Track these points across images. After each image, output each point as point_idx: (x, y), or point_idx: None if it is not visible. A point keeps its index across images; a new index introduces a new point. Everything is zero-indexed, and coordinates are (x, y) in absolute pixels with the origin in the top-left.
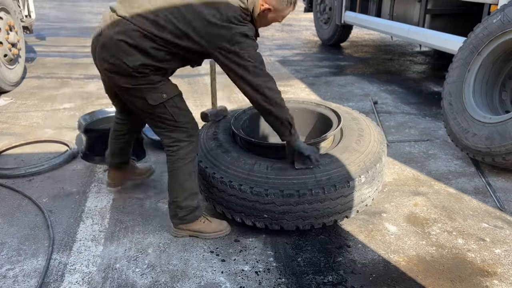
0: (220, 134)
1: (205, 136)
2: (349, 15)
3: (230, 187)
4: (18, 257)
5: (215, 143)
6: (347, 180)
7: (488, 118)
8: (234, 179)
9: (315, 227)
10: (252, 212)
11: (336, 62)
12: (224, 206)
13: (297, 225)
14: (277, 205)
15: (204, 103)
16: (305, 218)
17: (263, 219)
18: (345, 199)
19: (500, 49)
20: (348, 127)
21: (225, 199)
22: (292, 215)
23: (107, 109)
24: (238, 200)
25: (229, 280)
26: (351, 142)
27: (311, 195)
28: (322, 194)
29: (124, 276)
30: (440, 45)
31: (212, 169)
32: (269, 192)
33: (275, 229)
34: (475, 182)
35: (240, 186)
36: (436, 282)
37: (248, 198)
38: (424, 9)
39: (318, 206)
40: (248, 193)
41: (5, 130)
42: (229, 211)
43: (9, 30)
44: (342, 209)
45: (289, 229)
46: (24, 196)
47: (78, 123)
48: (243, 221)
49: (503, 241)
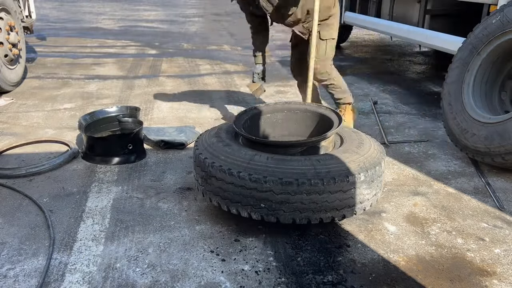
0: (222, 133)
1: (207, 135)
2: (349, 16)
3: (229, 175)
4: (18, 256)
5: (216, 139)
6: (346, 175)
7: (487, 118)
8: (233, 167)
9: (312, 222)
10: (249, 202)
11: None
12: (220, 196)
13: (293, 218)
14: (275, 193)
15: (205, 103)
16: (302, 210)
17: (259, 209)
18: (343, 194)
19: (500, 49)
20: (349, 137)
21: (223, 188)
22: (290, 205)
23: (107, 109)
24: (236, 188)
25: (229, 279)
26: (351, 146)
27: (310, 185)
28: (321, 185)
29: (124, 276)
30: (439, 46)
31: (212, 159)
32: (268, 179)
33: (271, 221)
34: (475, 182)
35: (239, 173)
36: (436, 282)
37: (246, 186)
38: (423, 9)
39: (316, 198)
40: (246, 179)
41: (5, 130)
42: (225, 202)
43: (9, 31)
44: (340, 206)
45: (285, 222)
46: (25, 196)
47: (79, 123)
48: (239, 212)
49: (503, 240)
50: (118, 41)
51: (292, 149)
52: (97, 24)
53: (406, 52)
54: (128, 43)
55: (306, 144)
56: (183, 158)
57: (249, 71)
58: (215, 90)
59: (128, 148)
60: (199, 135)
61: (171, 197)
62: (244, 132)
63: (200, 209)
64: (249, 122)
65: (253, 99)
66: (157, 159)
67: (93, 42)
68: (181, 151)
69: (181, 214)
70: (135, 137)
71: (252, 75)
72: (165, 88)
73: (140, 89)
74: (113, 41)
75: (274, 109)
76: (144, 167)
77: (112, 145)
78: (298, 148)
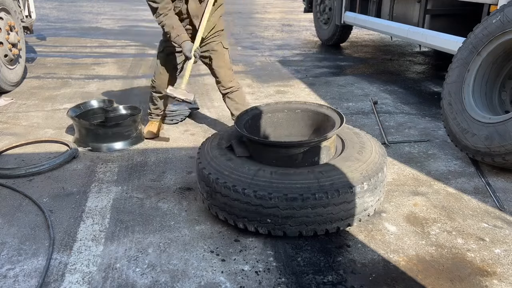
0: (224, 143)
1: (209, 146)
2: (349, 16)
3: (234, 191)
4: (18, 257)
5: (219, 152)
6: (350, 186)
7: (487, 118)
8: (238, 183)
9: (318, 234)
10: (255, 217)
11: (336, 62)
12: (226, 211)
13: (300, 231)
14: (281, 209)
15: (205, 103)
16: (308, 223)
17: (266, 224)
18: (348, 205)
19: (500, 49)
20: (350, 140)
21: (228, 205)
22: (295, 220)
23: (92, 101)
24: (242, 204)
25: (229, 280)
26: (353, 153)
27: (315, 199)
28: (326, 198)
29: (124, 276)
30: (439, 45)
31: (216, 175)
32: (273, 195)
33: (278, 235)
34: (475, 182)
35: (244, 190)
36: (436, 282)
37: (251, 202)
38: (423, 9)
39: (321, 211)
40: (251, 196)
41: (5, 130)
42: (232, 217)
43: (9, 31)
44: (345, 216)
45: (292, 235)
46: (25, 196)
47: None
48: (246, 227)
49: (503, 241)
50: (118, 41)
51: (294, 149)
52: (97, 24)
53: (406, 52)
54: (128, 43)
55: (309, 144)
56: (183, 158)
57: (249, 70)
58: (215, 90)
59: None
60: (200, 145)
61: (171, 197)
62: (246, 133)
63: (200, 209)
64: (250, 122)
65: (253, 99)
66: (157, 159)
67: (93, 42)
68: (181, 151)
69: (181, 214)
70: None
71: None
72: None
73: (140, 89)
74: (113, 41)
75: (275, 109)
76: (144, 167)
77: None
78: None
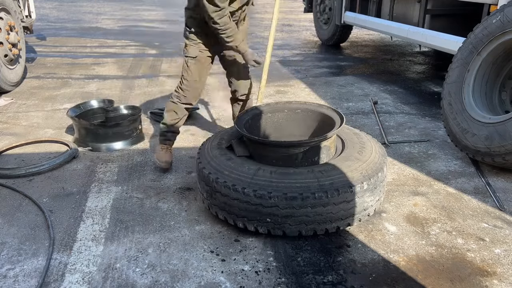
0: (224, 143)
1: (210, 146)
2: (349, 16)
3: (234, 191)
4: (18, 257)
5: (219, 152)
6: (349, 186)
7: (487, 118)
8: (237, 183)
9: (317, 233)
10: (255, 216)
11: (336, 63)
12: (226, 211)
13: (299, 230)
14: (280, 208)
15: (205, 103)
16: (308, 223)
17: (266, 224)
18: (347, 204)
19: (500, 49)
20: (350, 140)
21: (228, 204)
22: (295, 219)
23: (92, 101)
24: (241, 204)
25: (229, 280)
26: (353, 152)
27: (314, 198)
28: (325, 198)
29: (124, 276)
30: (439, 46)
31: (215, 174)
32: (272, 195)
33: (277, 234)
34: (475, 182)
35: (244, 189)
36: (436, 282)
37: (251, 202)
38: (423, 9)
39: (321, 210)
40: (251, 196)
41: (5, 130)
42: (232, 216)
43: (9, 30)
44: (345, 215)
45: (291, 234)
46: (25, 196)
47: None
48: (245, 226)
49: (503, 241)
50: (118, 41)
51: (294, 148)
52: (97, 24)
53: (406, 52)
54: (128, 43)
55: (309, 144)
56: (183, 158)
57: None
58: (215, 90)
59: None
60: (201, 145)
61: (171, 197)
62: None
63: (200, 209)
64: (250, 122)
65: (253, 99)
66: None
67: (93, 42)
68: (181, 151)
69: (181, 214)
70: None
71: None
72: (165, 88)
73: (140, 89)
74: (113, 41)
75: (275, 109)
76: (144, 167)
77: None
78: (301, 148)
